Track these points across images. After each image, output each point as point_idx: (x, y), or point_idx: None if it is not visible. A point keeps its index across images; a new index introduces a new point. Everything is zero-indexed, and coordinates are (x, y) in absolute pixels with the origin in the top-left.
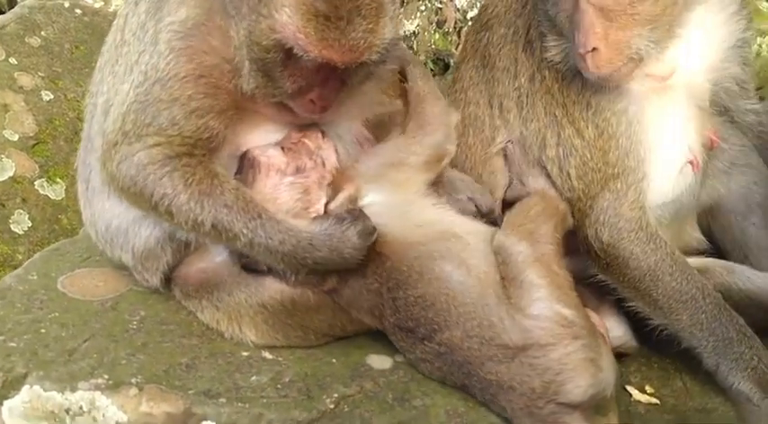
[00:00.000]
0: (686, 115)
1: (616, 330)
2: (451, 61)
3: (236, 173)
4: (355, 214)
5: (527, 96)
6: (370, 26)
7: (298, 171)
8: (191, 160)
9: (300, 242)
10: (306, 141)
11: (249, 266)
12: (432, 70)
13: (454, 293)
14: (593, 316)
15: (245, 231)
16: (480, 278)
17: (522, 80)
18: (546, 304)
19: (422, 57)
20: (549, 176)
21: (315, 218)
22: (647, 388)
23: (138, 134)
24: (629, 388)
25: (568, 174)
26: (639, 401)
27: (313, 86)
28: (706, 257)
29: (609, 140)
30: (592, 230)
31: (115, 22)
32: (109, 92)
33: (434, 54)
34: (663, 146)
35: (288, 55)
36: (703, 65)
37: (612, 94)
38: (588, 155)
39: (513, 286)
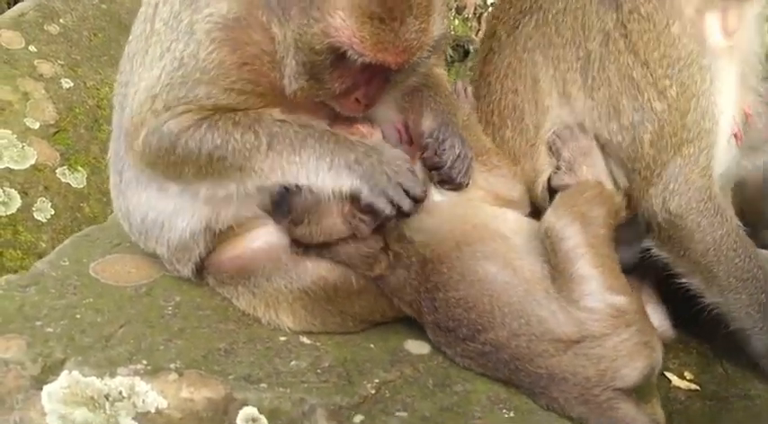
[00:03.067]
0: (736, 82)
1: (653, 318)
2: (471, 47)
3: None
4: None
5: (598, 61)
6: (423, 26)
7: None
8: (224, 111)
9: (349, 140)
10: (361, 128)
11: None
12: (451, 57)
13: (498, 293)
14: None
15: (299, 130)
16: (526, 277)
17: (593, 45)
18: (599, 296)
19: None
20: (605, 163)
21: None
22: (687, 374)
23: (168, 107)
24: (668, 374)
25: (641, 142)
26: (679, 388)
27: (359, 86)
28: None
29: (690, 99)
30: (659, 199)
31: (143, 11)
32: (139, 82)
33: (454, 40)
34: (725, 113)
35: (338, 57)
36: (759, 33)
37: (699, 48)
38: (667, 118)
39: (563, 277)
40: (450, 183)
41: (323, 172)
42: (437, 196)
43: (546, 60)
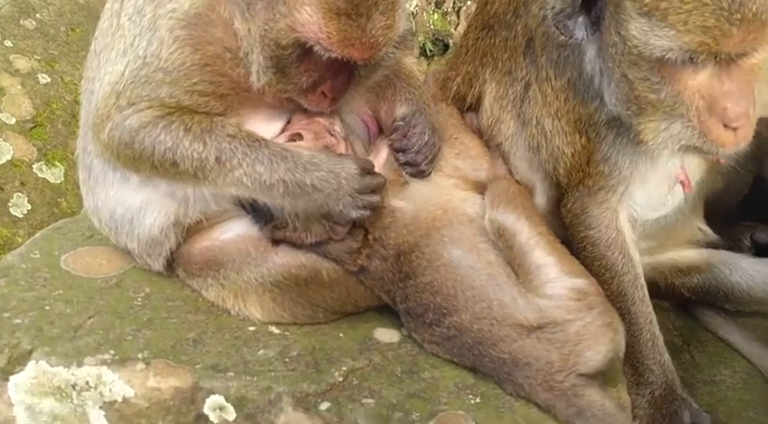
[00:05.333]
0: None
1: None
2: (451, 42)
3: None
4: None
5: (526, 100)
6: (389, 22)
7: (327, 148)
8: (183, 112)
9: (301, 158)
10: (318, 119)
11: (276, 237)
12: (431, 51)
13: (462, 277)
14: None
15: (248, 152)
16: (490, 261)
17: (520, 85)
18: (559, 282)
19: (420, 38)
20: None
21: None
22: None
23: (131, 103)
24: None
25: (557, 173)
26: None
27: (325, 79)
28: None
29: (596, 151)
30: (570, 215)
31: (108, 6)
32: (104, 76)
33: (433, 34)
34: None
35: (305, 52)
36: None
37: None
38: (576, 162)
39: (521, 269)
40: (414, 167)
41: (278, 199)
42: (414, 182)
43: (492, 80)
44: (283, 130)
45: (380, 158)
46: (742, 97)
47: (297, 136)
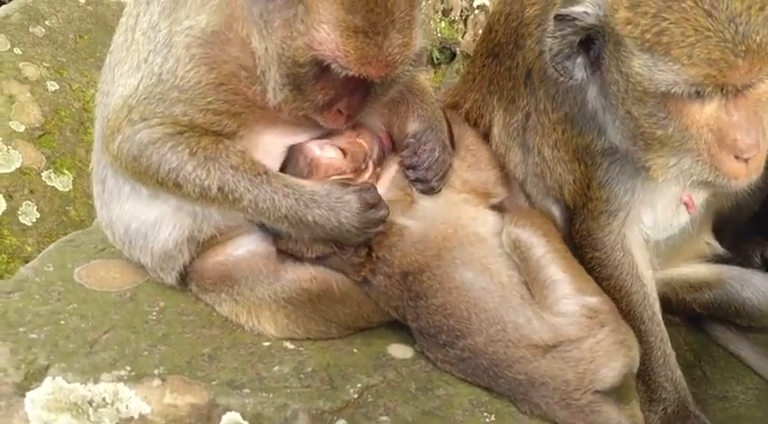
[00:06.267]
0: None
1: None
2: (458, 50)
3: (283, 164)
4: (365, 185)
5: (529, 129)
6: (406, 40)
7: (355, 172)
8: (193, 133)
9: (303, 196)
10: (362, 142)
11: (282, 250)
12: (438, 59)
13: (475, 300)
14: None
15: (250, 187)
16: (503, 282)
17: (521, 115)
18: (572, 299)
19: (428, 46)
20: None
21: (322, 180)
22: None
23: (143, 118)
24: None
25: (563, 196)
26: None
27: (341, 97)
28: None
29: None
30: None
31: (123, 21)
32: (116, 88)
33: (440, 43)
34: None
35: (322, 70)
36: None
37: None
38: (578, 187)
39: (535, 284)
40: (424, 184)
41: (283, 228)
42: (422, 201)
43: (499, 107)
44: (326, 136)
45: (389, 175)
46: (751, 128)
47: (339, 150)
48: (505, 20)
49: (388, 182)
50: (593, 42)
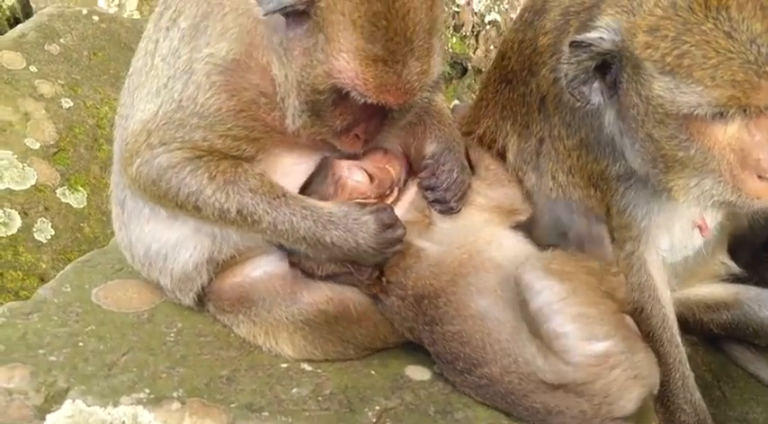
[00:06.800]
0: None
1: None
2: (469, 65)
3: (310, 180)
4: (382, 205)
5: (542, 155)
6: (424, 67)
7: (379, 197)
8: (212, 157)
9: (321, 217)
10: (390, 169)
11: (294, 262)
12: (449, 74)
13: (489, 330)
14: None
15: (269, 210)
16: (516, 313)
17: (535, 140)
18: (577, 350)
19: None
20: None
21: (339, 201)
22: None
23: (163, 142)
24: None
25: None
26: None
27: (359, 122)
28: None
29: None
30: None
31: (143, 45)
32: (135, 112)
33: (452, 58)
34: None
35: (341, 97)
36: None
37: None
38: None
39: (537, 331)
40: (443, 205)
41: (301, 250)
42: (440, 223)
43: (513, 132)
44: (356, 157)
45: (408, 197)
46: None
47: (367, 175)
48: (518, 47)
49: (407, 204)
50: (609, 67)
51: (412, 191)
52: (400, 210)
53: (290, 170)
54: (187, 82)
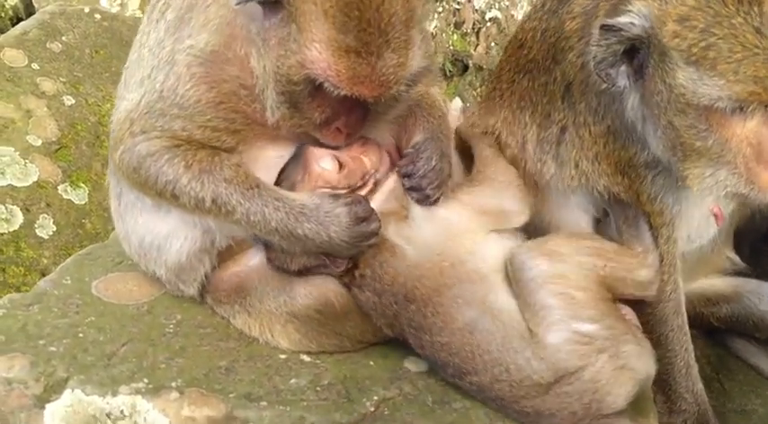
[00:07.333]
0: None
1: None
2: (470, 62)
3: (285, 167)
4: (356, 197)
5: (564, 142)
6: (401, 60)
7: (352, 188)
8: (190, 146)
9: (292, 209)
10: (364, 159)
11: (272, 261)
12: (450, 71)
13: (478, 342)
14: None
15: (242, 200)
16: (504, 322)
17: (557, 128)
18: (562, 325)
19: (440, 59)
20: None
21: (313, 192)
22: None
23: (144, 130)
24: None
25: None
26: None
27: (339, 115)
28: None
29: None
30: None
31: (137, 39)
32: (121, 102)
33: (453, 55)
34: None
35: (316, 88)
36: None
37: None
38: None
39: (526, 308)
40: (419, 192)
41: (275, 241)
42: (419, 220)
43: (532, 123)
44: (334, 147)
45: (389, 186)
46: None
47: (337, 163)
48: (541, 35)
49: (387, 193)
50: (637, 52)
51: (392, 180)
52: (381, 198)
53: (273, 162)
54: (168, 72)
